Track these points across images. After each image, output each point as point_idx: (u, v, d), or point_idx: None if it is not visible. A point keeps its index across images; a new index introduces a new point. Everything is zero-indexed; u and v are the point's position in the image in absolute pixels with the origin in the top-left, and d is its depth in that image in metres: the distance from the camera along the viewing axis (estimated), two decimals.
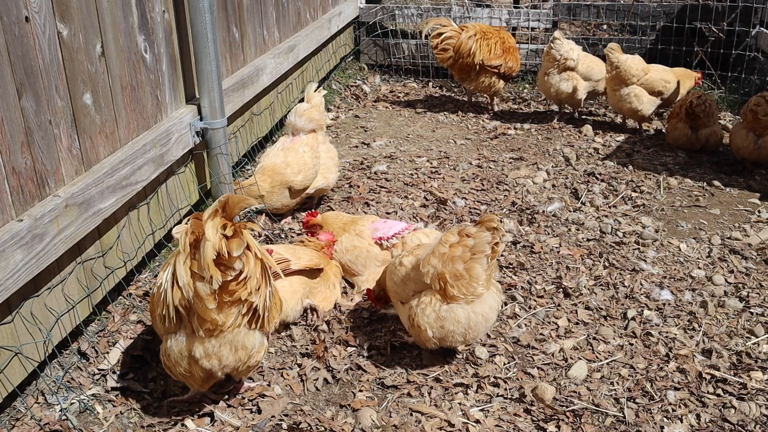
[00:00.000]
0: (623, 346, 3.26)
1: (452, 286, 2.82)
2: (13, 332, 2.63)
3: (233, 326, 2.51)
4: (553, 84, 6.07)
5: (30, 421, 2.65)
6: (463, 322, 2.88)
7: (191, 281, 2.39)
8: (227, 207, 2.37)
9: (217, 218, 2.34)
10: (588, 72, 6.09)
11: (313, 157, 4.29)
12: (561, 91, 6.08)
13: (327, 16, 6.71)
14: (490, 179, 5.06)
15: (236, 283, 2.42)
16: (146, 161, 3.41)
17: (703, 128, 5.49)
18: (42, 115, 2.73)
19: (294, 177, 4.19)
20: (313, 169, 4.29)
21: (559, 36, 5.99)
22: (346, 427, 2.74)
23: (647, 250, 4.09)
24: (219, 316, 2.46)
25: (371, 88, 7.35)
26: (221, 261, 2.36)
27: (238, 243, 2.36)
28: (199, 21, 3.74)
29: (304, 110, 4.34)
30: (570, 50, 5.99)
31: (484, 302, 2.90)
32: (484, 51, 6.21)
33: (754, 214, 4.57)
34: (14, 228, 2.54)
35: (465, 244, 2.80)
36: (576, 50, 6.04)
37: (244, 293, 2.45)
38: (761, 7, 6.69)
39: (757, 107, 4.95)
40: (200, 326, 2.47)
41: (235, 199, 2.38)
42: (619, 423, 2.81)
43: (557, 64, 6.00)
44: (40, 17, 2.69)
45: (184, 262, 2.40)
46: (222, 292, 2.42)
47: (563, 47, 5.95)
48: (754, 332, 3.35)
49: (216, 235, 2.31)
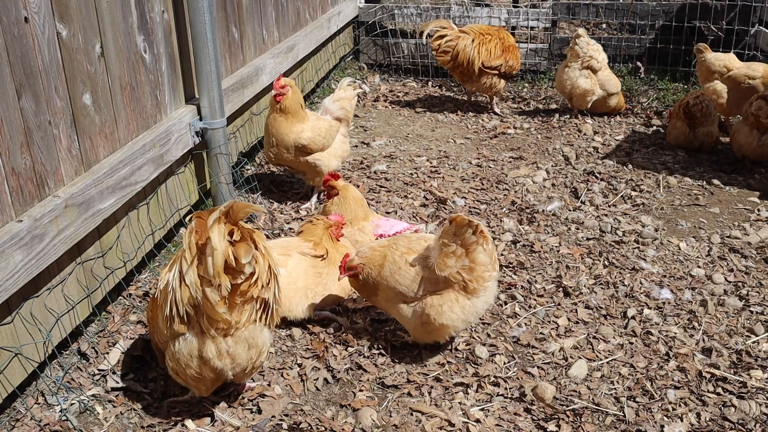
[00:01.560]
0: (623, 345, 3.26)
1: (470, 280, 2.93)
2: (13, 333, 2.63)
3: (248, 322, 2.51)
4: (571, 77, 6.13)
5: (30, 421, 2.65)
6: (481, 312, 3.07)
7: (199, 283, 2.37)
8: (232, 212, 2.35)
9: (221, 224, 2.31)
10: (605, 82, 6.21)
11: (329, 130, 4.50)
12: (577, 86, 6.12)
13: (326, 16, 6.71)
14: (490, 178, 5.06)
15: (248, 284, 2.42)
16: (146, 161, 3.41)
17: (700, 127, 5.50)
18: (41, 115, 2.73)
19: (306, 133, 4.36)
20: (323, 138, 4.45)
21: (583, 33, 6.09)
22: (346, 426, 2.74)
23: (647, 249, 4.09)
24: (232, 317, 2.45)
25: (371, 87, 7.35)
26: (228, 266, 2.34)
27: (246, 249, 2.34)
28: (198, 21, 3.74)
29: (340, 97, 4.65)
30: (596, 50, 6.14)
31: (491, 293, 3.07)
32: (484, 55, 6.24)
33: (754, 213, 4.57)
34: (14, 228, 2.54)
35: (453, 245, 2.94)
36: (602, 53, 6.19)
37: (255, 291, 2.45)
38: (760, 6, 6.69)
39: (759, 111, 4.96)
40: (211, 326, 2.46)
41: (240, 205, 2.36)
42: (620, 422, 2.81)
43: (581, 61, 6.09)
44: (40, 18, 2.69)
45: (191, 263, 2.37)
46: (233, 294, 2.41)
47: (586, 44, 6.08)
48: (753, 331, 3.35)
49: (223, 242, 2.29)
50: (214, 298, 2.37)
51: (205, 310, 2.43)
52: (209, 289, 2.37)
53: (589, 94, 6.16)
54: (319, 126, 4.44)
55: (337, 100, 4.63)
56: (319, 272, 3.36)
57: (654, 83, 7.02)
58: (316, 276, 3.34)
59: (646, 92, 6.89)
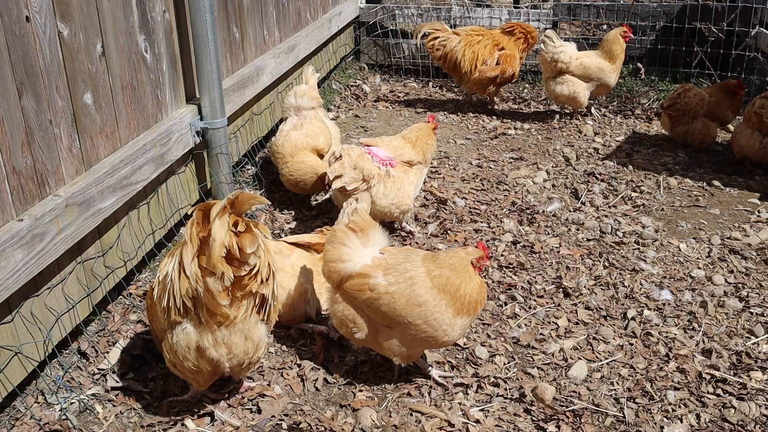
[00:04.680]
0: (623, 346, 3.26)
1: None
2: (13, 332, 2.64)
3: (245, 317, 2.51)
4: (553, 90, 6.11)
5: (30, 420, 2.65)
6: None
7: (200, 274, 2.37)
8: (237, 204, 2.35)
9: (225, 215, 2.32)
10: (588, 68, 6.02)
11: (323, 123, 4.65)
12: (560, 95, 6.10)
13: (327, 16, 6.71)
14: (490, 179, 5.06)
15: (248, 277, 2.42)
16: (146, 161, 3.41)
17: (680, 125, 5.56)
18: (42, 114, 2.73)
19: (316, 141, 4.44)
20: (327, 133, 4.58)
21: (551, 35, 6.00)
22: (346, 426, 2.74)
23: (647, 250, 4.09)
24: (231, 310, 2.45)
25: (371, 87, 7.35)
26: (233, 257, 2.35)
27: (251, 239, 2.34)
28: (199, 21, 3.74)
29: (305, 90, 4.64)
30: (559, 51, 5.98)
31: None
32: (474, 61, 6.27)
33: (754, 214, 4.57)
34: (14, 227, 2.55)
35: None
36: (567, 48, 6.00)
37: (254, 286, 2.45)
38: (761, 8, 6.69)
39: (761, 110, 4.95)
40: (210, 318, 2.46)
41: (245, 196, 2.36)
42: (619, 423, 2.81)
43: (550, 69, 6.05)
44: (41, 17, 2.69)
45: (193, 256, 2.36)
46: (234, 287, 2.42)
47: (552, 48, 5.98)
48: (753, 332, 3.35)
49: (225, 231, 2.29)
50: (216, 288, 2.37)
51: (205, 302, 2.43)
52: (211, 280, 2.36)
53: (577, 96, 6.06)
54: (319, 128, 4.53)
55: (303, 95, 4.62)
56: (319, 270, 3.37)
57: (654, 84, 7.02)
58: (317, 274, 3.35)
59: (647, 93, 6.89)
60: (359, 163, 3.83)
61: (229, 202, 2.33)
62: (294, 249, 3.38)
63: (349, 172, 3.79)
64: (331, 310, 2.95)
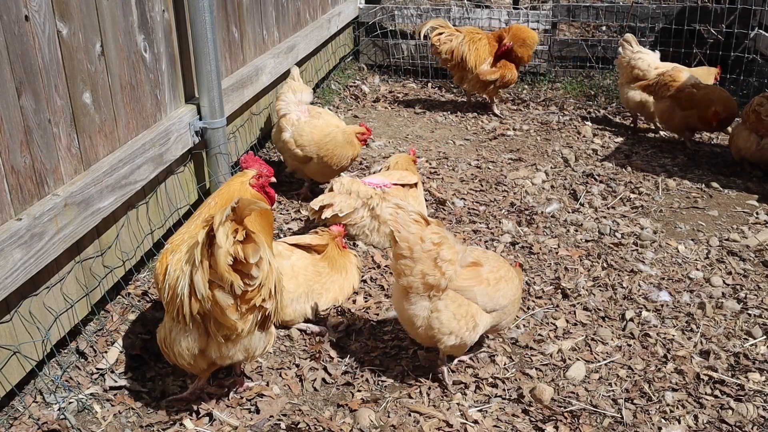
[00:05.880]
0: (621, 347, 3.27)
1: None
2: (12, 331, 2.63)
3: (249, 332, 2.52)
4: (624, 91, 6.02)
5: (28, 420, 2.65)
6: None
7: (210, 295, 2.36)
8: (237, 210, 2.31)
9: (228, 223, 2.28)
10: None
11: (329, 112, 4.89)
12: (627, 99, 5.98)
13: (326, 16, 6.71)
14: (489, 180, 5.06)
15: (252, 291, 2.40)
16: (145, 161, 3.41)
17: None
18: (41, 114, 2.73)
19: (340, 124, 4.67)
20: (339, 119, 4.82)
21: (630, 39, 5.92)
22: (344, 427, 2.74)
23: (645, 252, 4.09)
24: (239, 323, 2.45)
25: (370, 88, 7.35)
26: (237, 267, 2.33)
27: (254, 248, 2.32)
28: (198, 20, 3.74)
29: (302, 86, 4.81)
30: (639, 59, 5.86)
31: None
32: (477, 61, 6.30)
33: (752, 216, 4.58)
34: (13, 227, 2.54)
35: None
36: (647, 59, 5.88)
37: (258, 300, 2.43)
38: (760, 10, 6.70)
39: (760, 107, 4.94)
40: (218, 331, 2.48)
41: (245, 202, 2.33)
42: (617, 424, 2.82)
43: (625, 72, 5.95)
44: (40, 16, 2.69)
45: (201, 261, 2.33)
46: (240, 301, 2.41)
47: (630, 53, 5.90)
48: (751, 334, 3.36)
49: (228, 240, 2.27)
50: (226, 301, 2.37)
51: (215, 315, 2.43)
52: (220, 293, 2.36)
53: (648, 105, 5.85)
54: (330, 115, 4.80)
55: (303, 89, 4.77)
56: (318, 271, 3.37)
57: None
58: (316, 275, 3.36)
59: None
60: (353, 187, 3.94)
61: (232, 209, 2.30)
62: (294, 250, 3.38)
63: (342, 199, 3.88)
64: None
